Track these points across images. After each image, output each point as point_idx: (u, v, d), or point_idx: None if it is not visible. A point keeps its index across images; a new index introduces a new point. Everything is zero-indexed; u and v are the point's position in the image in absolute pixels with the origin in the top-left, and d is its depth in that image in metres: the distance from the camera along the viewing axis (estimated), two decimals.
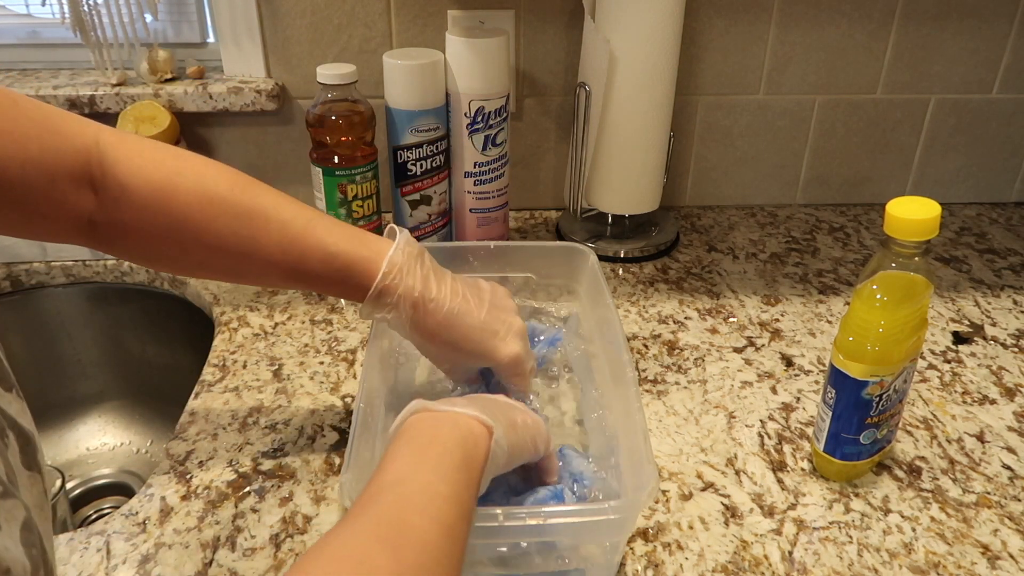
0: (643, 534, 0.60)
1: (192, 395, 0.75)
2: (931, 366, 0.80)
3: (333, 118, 0.86)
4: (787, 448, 0.69)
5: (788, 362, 0.80)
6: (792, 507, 0.63)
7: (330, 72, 0.85)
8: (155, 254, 0.58)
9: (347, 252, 0.57)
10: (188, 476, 0.65)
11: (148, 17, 1.00)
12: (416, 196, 0.92)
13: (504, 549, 0.53)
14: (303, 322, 0.85)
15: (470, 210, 0.95)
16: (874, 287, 0.58)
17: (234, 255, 0.56)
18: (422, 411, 0.50)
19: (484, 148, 0.91)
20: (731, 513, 0.62)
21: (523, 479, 0.58)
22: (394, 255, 0.58)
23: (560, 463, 0.60)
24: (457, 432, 0.49)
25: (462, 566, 0.43)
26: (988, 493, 0.65)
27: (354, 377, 0.77)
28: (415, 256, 0.59)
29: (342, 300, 0.88)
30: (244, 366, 0.79)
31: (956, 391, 0.76)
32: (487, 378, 0.68)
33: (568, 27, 0.98)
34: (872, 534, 0.61)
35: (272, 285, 0.65)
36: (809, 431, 0.71)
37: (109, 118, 0.96)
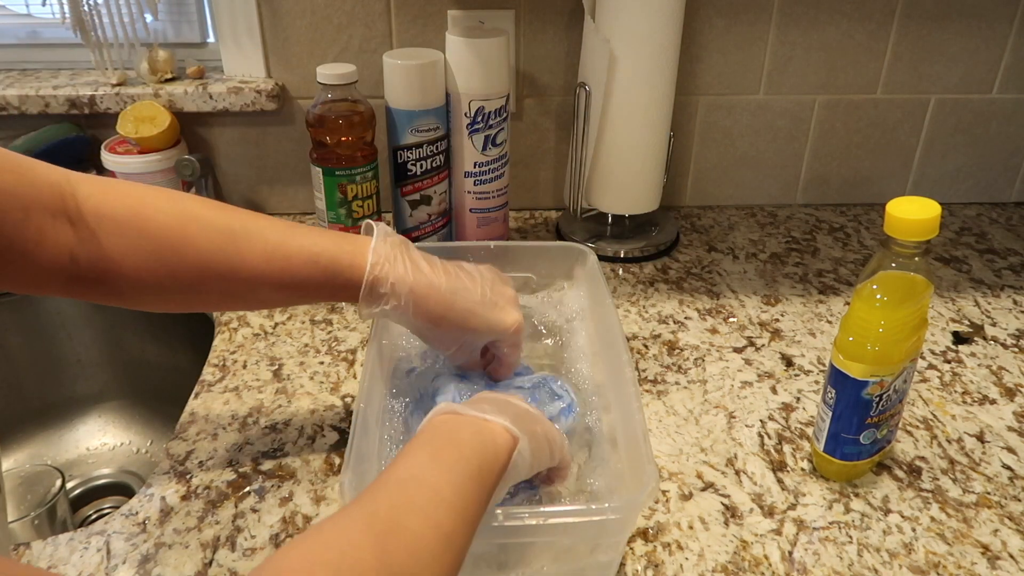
0: (643, 534, 0.60)
1: (192, 395, 0.75)
2: (931, 366, 0.80)
3: (333, 118, 0.86)
4: (787, 448, 0.69)
5: (788, 362, 0.80)
6: (792, 507, 0.63)
7: (330, 72, 0.85)
8: (144, 284, 0.56)
9: (331, 250, 0.57)
10: (188, 476, 0.65)
11: (148, 17, 1.00)
12: (416, 196, 0.92)
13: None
14: (303, 322, 0.85)
15: (470, 210, 0.95)
16: (874, 287, 0.58)
17: (221, 273, 0.56)
18: (448, 413, 0.50)
19: (484, 148, 0.91)
20: (731, 513, 0.62)
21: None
22: (377, 245, 0.58)
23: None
24: (478, 439, 0.48)
25: None
26: (988, 493, 0.65)
27: (354, 377, 0.77)
28: (398, 245, 0.60)
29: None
30: (244, 366, 0.79)
31: (956, 391, 0.76)
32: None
33: (568, 27, 0.98)
34: (872, 534, 0.61)
35: (265, 303, 0.65)
36: (809, 431, 0.71)
37: (109, 118, 0.96)
